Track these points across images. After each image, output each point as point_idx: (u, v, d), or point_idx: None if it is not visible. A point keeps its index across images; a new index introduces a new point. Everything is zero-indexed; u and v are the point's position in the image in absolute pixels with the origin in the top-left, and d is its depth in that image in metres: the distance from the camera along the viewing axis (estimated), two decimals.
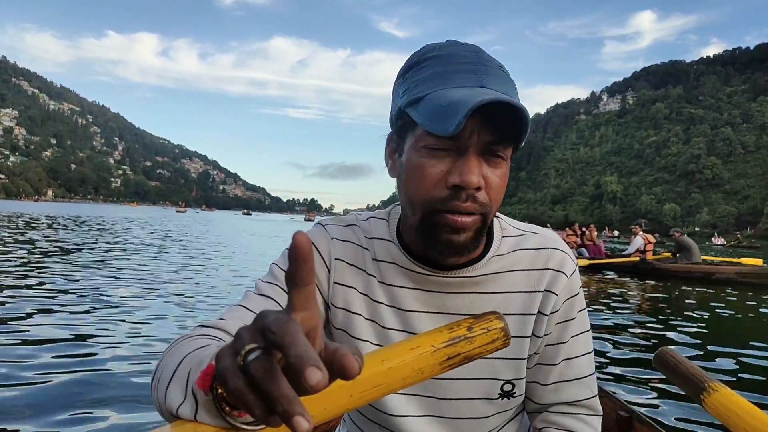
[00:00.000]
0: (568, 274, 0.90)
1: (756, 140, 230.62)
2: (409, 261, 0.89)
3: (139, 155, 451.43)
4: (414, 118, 0.76)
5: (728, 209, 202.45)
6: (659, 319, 7.09)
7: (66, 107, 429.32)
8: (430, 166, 0.76)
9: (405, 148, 0.81)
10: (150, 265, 10.26)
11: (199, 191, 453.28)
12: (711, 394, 1.00)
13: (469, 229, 0.78)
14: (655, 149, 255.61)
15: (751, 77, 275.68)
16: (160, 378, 0.60)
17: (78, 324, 4.99)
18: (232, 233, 23.78)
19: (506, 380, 0.90)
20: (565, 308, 0.90)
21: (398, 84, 0.83)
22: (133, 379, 3.54)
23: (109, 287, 7.19)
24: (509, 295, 0.89)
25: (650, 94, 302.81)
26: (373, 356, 0.59)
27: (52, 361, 3.80)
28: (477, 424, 0.92)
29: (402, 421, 0.91)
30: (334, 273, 0.91)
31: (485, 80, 0.75)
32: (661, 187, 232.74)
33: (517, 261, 0.90)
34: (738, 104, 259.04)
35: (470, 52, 0.78)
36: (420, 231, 0.81)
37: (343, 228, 0.95)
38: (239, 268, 11.10)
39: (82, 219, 32.96)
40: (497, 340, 0.67)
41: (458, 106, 0.69)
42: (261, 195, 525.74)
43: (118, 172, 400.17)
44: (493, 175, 0.77)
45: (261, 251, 16.85)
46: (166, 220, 45.56)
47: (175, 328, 5.12)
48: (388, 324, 0.90)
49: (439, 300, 0.89)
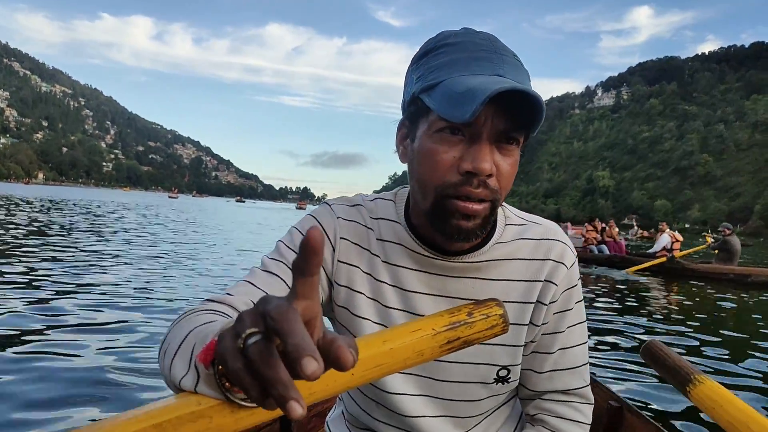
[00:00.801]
0: (568, 265, 0.92)
1: (748, 138, 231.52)
2: (414, 243, 0.90)
3: (132, 140, 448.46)
4: (428, 104, 0.76)
5: (719, 206, 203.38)
6: (689, 324, 6.58)
7: (58, 89, 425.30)
8: (442, 152, 0.77)
9: (417, 134, 0.81)
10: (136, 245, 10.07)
11: (192, 177, 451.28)
12: (696, 386, 1.01)
13: (478, 216, 0.79)
14: (648, 145, 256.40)
15: (745, 75, 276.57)
16: (166, 350, 0.62)
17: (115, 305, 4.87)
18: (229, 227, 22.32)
19: (502, 366, 0.92)
20: (563, 299, 0.92)
21: (412, 70, 0.83)
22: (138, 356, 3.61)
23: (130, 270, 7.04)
24: (509, 283, 0.90)
25: (645, 90, 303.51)
26: (375, 337, 0.60)
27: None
28: (470, 407, 0.94)
29: (398, 398, 0.92)
30: (339, 252, 0.92)
31: (501, 69, 0.75)
32: (653, 183, 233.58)
33: (518, 250, 0.91)
34: (732, 102, 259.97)
35: (486, 41, 0.78)
36: (430, 215, 0.82)
37: (349, 208, 0.96)
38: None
39: (84, 203, 32.53)
40: (496, 327, 0.69)
41: (475, 93, 0.69)
42: (253, 182, 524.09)
43: (109, 156, 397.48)
44: (504, 163, 0.78)
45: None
46: (161, 206, 45.21)
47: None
48: (390, 303, 0.91)
49: (441, 283, 0.90)
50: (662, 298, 9.06)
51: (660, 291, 10.06)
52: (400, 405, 0.93)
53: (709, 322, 6.89)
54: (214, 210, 47.81)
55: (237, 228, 22.07)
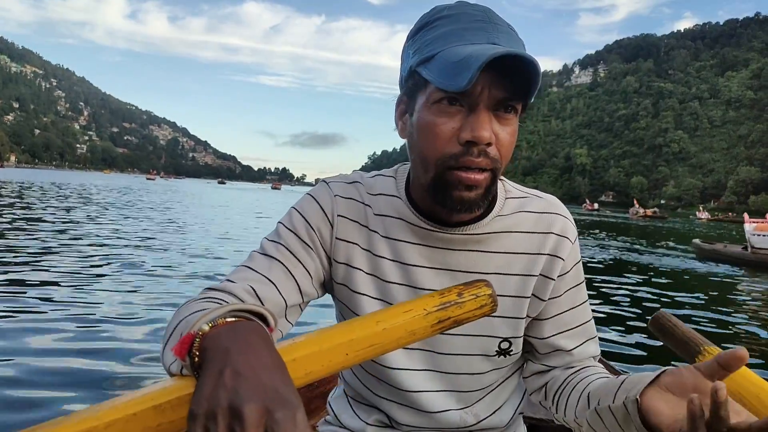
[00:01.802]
0: (572, 239, 0.93)
1: (722, 115, 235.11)
2: (415, 216, 0.90)
3: (106, 121, 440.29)
4: (425, 77, 0.77)
5: (693, 182, 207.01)
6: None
7: (29, 70, 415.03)
8: (441, 123, 0.77)
9: (416, 108, 0.82)
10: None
11: (168, 159, 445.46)
12: (706, 356, 1.00)
13: (480, 186, 0.79)
14: (624, 123, 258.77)
15: (720, 52, 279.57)
16: (164, 336, 0.67)
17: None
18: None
19: (504, 338, 0.92)
20: (573, 274, 0.93)
21: (408, 45, 0.84)
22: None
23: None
24: (511, 256, 0.91)
25: (621, 68, 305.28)
26: (369, 318, 0.62)
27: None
28: (473, 380, 0.94)
29: (400, 374, 0.93)
30: (337, 229, 0.92)
31: (496, 38, 0.76)
32: (629, 161, 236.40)
33: (519, 222, 0.92)
34: (706, 79, 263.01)
35: (480, 11, 0.79)
36: (432, 188, 0.82)
37: (347, 185, 0.96)
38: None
39: (76, 188, 32.21)
40: (485, 306, 0.71)
41: (470, 60, 0.70)
42: (231, 163, 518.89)
43: (84, 138, 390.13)
44: (503, 132, 0.78)
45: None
46: (143, 189, 44.90)
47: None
48: (390, 278, 0.91)
49: (442, 256, 0.90)
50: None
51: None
52: (401, 380, 0.93)
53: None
54: (201, 194, 47.66)
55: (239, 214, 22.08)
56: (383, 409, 0.98)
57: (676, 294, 8.03)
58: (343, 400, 1.08)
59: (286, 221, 0.93)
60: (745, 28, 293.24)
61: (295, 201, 0.96)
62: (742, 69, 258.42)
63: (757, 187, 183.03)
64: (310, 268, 0.90)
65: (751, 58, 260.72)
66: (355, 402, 1.05)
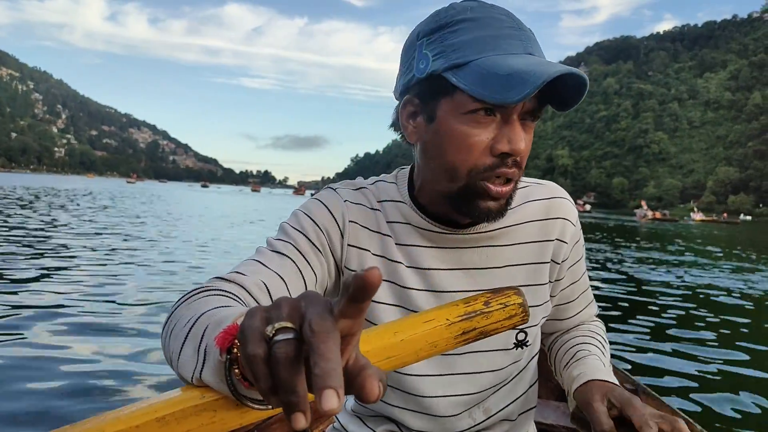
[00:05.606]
0: (574, 222, 0.94)
1: (701, 116, 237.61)
2: (423, 220, 0.89)
3: (84, 124, 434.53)
4: (456, 84, 0.74)
5: (673, 183, 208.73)
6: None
7: (4, 72, 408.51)
8: (476, 134, 0.76)
9: (437, 113, 0.79)
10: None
11: (148, 162, 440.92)
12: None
13: (504, 197, 0.79)
14: (605, 124, 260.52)
15: (699, 54, 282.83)
16: (173, 330, 0.59)
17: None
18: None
19: (520, 329, 0.92)
20: (573, 254, 0.96)
21: (423, 45, 0.79)
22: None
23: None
24: (522, 246, 0.91)
25: (602, 69, 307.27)
26: (386, 328, 0.58)
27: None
28: (493, 377, 0.93)
29: (417, 380, 0.91)
30: (348, 235, 0.91)
31: (530, 47, 0.75)
32: (610, 161, 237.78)
33: (528, 213, 0.92)
34: (685, 80, 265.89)
35: (506, 16, 0.77)
36: (456, 197, 0.81)
37: (354, 191, 0.95)
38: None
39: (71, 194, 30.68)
40: (515, 316, 0.66)
41: (525, 76, 0.68)
42: (213, 166, 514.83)
43: (62, 141, 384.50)
44: (527, 140, 0.78)
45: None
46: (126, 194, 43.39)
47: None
48: (408, 284, 0.90)
49: (455, 256, 0.90)
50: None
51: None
52: (418, 386, 0.91)
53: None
54: (191, 198, 46.12)
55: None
56: (395, 418, 0.96)
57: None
58: (349, 411, 1.05)
59: (293, 222, 0.90)
60: (723, 30, 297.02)
61: (275, 203, 0.99)
62: (720, 70, 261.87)
63: (735, 187, 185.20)
64: (317, 271, 0.88)
65: (729, 60, 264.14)
66: (362, 414, 1.02)
